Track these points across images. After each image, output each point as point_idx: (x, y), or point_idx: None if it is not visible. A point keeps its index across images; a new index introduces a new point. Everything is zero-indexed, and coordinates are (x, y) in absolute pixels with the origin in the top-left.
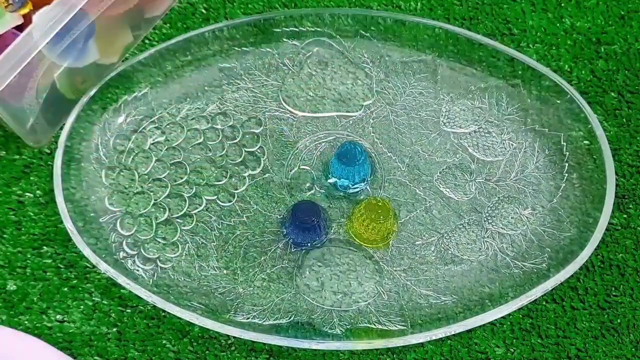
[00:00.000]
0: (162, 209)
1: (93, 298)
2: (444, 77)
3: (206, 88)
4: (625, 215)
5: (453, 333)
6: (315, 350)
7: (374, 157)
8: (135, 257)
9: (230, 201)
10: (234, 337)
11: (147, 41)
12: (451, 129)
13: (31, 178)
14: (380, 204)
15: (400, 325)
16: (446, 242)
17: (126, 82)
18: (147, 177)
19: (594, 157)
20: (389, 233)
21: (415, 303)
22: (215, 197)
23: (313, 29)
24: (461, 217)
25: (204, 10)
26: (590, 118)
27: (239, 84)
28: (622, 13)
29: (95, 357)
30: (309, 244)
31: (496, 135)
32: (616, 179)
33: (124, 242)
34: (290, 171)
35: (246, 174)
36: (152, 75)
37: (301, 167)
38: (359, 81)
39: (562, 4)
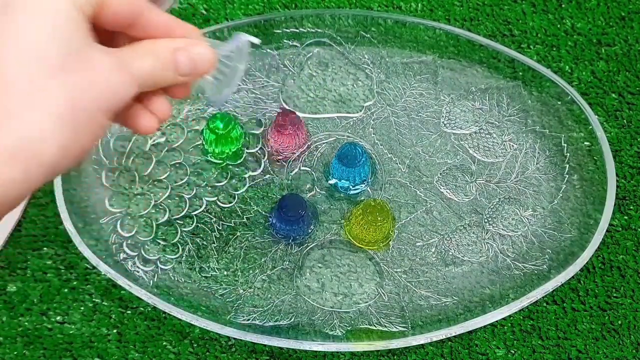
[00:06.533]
0: (162, 210)
1: (93, 299)
2: (444, 78)
3: None
4: (625, 217)
5: (454, 334)
6: (316, 351)
7: (375, 158)
8: (136, 258)
9: (230, 202)
10: (235, 339)
11: None
12: (452, 130)
13: None
14: (379, 206)
15: (401, 326)
16: (447, 244)
17: None
18: (147, 178)
19: (595, 158)
20: (388, 234)
21: (415, 304)
22: (216, 198)
23: (314, 30)
24: (462, 218)
25: (204, 11)
26: (591, 119)
27: (239, 85)
28: (623, 14)
29: (96, 359)
30: (291, 237)
31: (497, 137)
32: (617, 181)
33: (125, 244)
34: (291, 172)
35: (247, 175)
36: None
37: (302, 168)
38: (360, 82)
39: (563, 5)
